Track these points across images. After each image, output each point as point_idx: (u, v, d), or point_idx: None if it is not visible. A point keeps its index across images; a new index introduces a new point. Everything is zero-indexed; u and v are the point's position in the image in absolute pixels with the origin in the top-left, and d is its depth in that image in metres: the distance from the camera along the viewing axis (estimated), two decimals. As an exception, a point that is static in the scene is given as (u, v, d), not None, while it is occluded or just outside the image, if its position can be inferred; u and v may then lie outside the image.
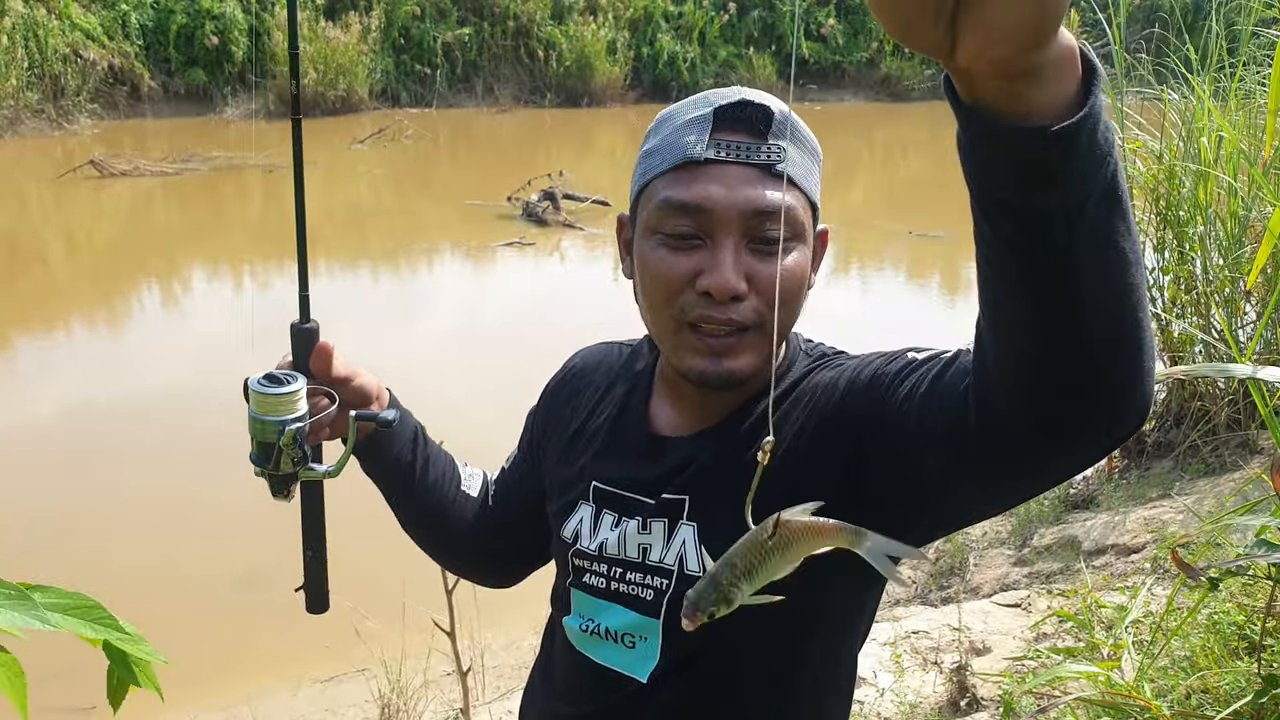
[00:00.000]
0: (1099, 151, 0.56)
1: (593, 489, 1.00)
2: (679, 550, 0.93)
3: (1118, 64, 3.61)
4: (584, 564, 0.99)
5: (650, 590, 0.95)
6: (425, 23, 14.28)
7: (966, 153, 0.59)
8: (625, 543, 0.96)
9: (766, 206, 0.86)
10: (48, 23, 11.49)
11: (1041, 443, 0.68)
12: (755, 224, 0.86)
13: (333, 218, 9.64)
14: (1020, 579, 3.35)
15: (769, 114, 0.88)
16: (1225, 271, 3.58)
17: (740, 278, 0.86)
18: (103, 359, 5.90)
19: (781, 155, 0.87)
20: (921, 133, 15.36)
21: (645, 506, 0.96)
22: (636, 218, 0.94)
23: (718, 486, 0.92)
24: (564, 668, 1.04)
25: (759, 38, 16.48)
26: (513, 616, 3.44)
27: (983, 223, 0.60)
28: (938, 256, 8.65)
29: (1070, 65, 0.55)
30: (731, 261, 0.86)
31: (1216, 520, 2.12)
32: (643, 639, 0.95)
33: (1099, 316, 0.60)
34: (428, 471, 1.10)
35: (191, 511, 4.06)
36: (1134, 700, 1.84)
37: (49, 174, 9.80)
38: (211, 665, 3.27)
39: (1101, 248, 0.59)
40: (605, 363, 1.09)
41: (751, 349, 0.89)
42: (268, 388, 0.96)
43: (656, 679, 0.94)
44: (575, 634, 1.01)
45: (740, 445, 0.93)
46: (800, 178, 0.90)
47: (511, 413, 1.18)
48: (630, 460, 0.99)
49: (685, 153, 0.88)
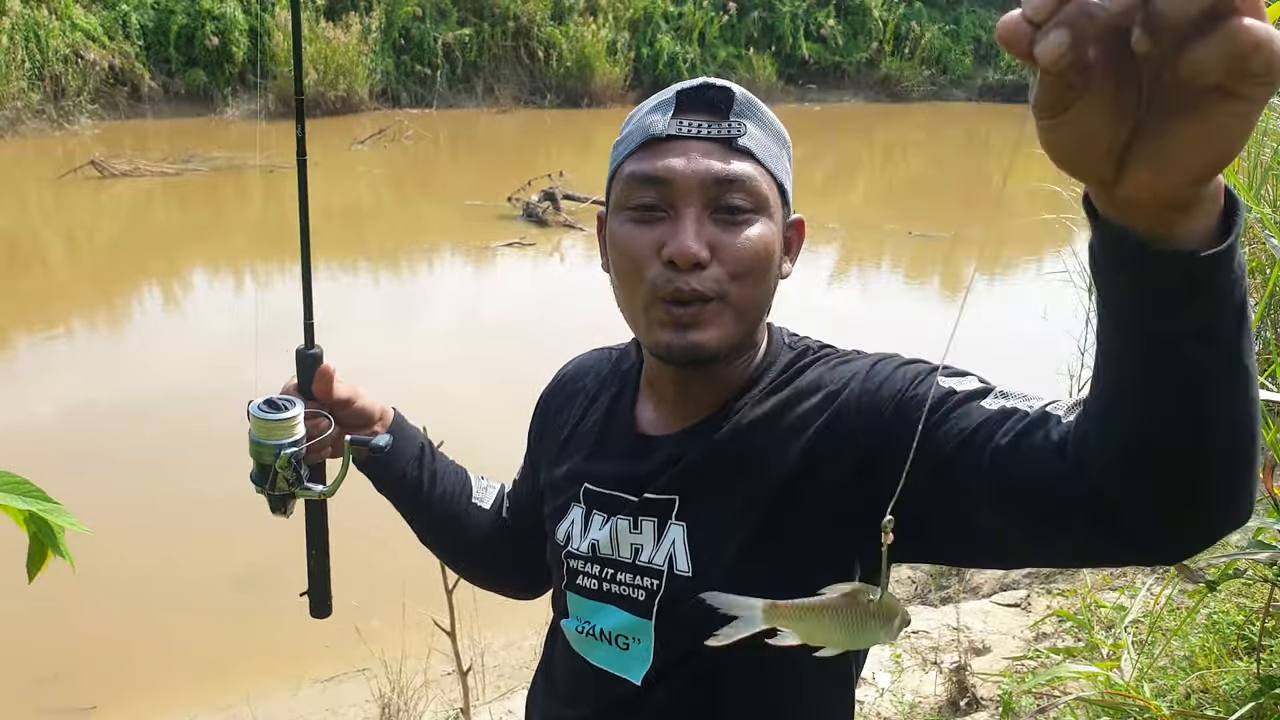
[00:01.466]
0: (1235, 275, 0.56)
1: (583, 490, 1.01)
2: (669, 550, 0.93)
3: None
4: (577, 565, 1.00)
5: (642, 591, 0.95)
6: (425, 23, 14.29)
7: (1102, 270, 0.58)
8: (617, 542, 0.97)
9: (727, 175, 0.87)
10: (48, 23, 11.50)
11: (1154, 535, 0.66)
12: (716, 193, 0.88)
13: (333, 218, 9.65)
14: (1020, 578, 3.36)
15: (730, 94, 0.90)
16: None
17: (702, 245, 0.86)
18: (103, 359, 5.90)
19: (742, 130, 0.89)
20: (921, 133, 15.37)
21: (633, 505, 0.96)
22: (609, 202, 0.96)
23: (706, 486, 0.93)
24: (564, 670, 1.05)
25: (759, 38, 16.49)
26: (513, 616, 3.44)
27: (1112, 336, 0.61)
28: (938, 256, 8.65)
29: (1219, 191, 0.54)
30: (693, 230, 0.87)
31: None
32: (635, 640, 0.95)
33: (1223, 434, 0.60)
34: (434, 487, 1.13)
35: (191, 512, 4.06)
36: (1133, 700, 1.84)
37: (49, 174, 9.80)
38: (211, 665, 3.28)
39: (1232, 367, 0.58)
40: (595, 368, 1.10)
41: (715, 321, 0.88)
42: (266, 413, 0.99)
43: (650, 681, 0.94)
44: (573, 636, 1.01)
45: (726, 441, 0.93)
46: (763, 154, 0.90)
47: (511, 413, 1.18)
48: (618, 460, 1.00)
49: (649, 131, 0.91)
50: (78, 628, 3.36)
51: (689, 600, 0.89)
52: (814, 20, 16.75)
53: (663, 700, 0.94)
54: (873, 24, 16.97)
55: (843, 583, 0.76)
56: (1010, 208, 8.23)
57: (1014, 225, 8.02)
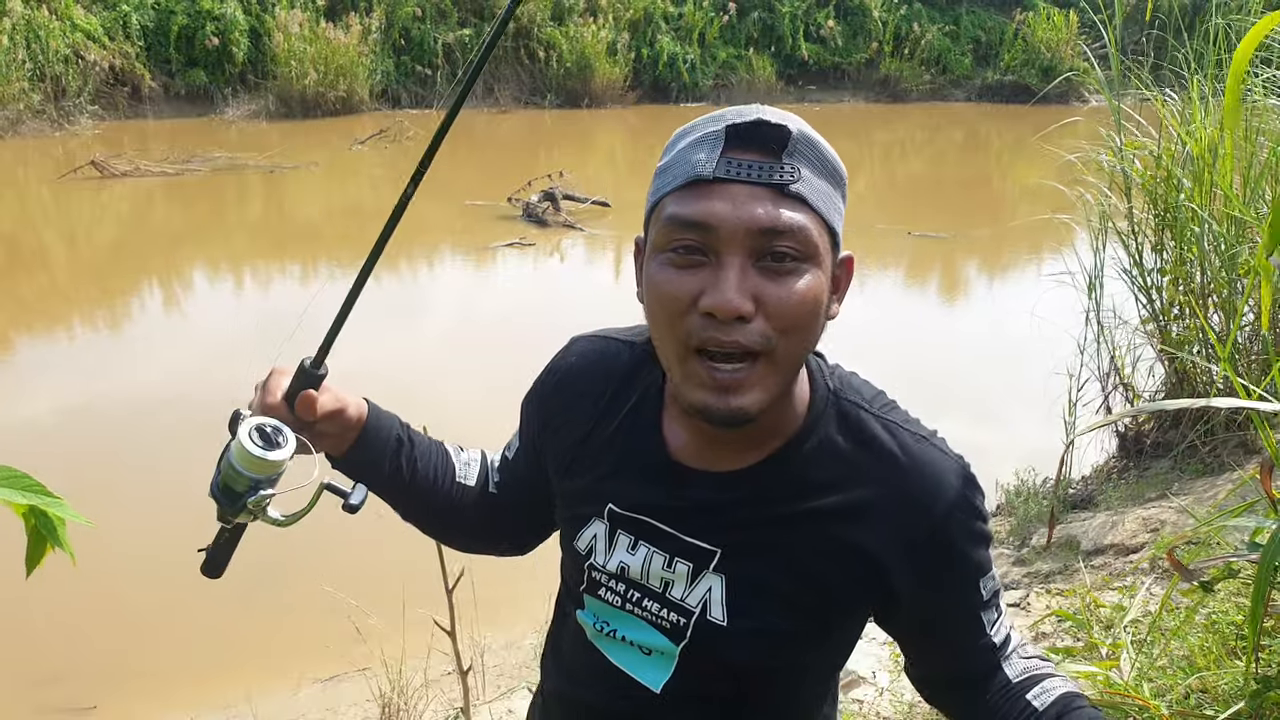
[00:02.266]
0: None
1: (608, 511, 0.98)
2: (703, 596, 0.93)
3: (1115, 66, 3.62)
4: (600, 578, 1.00)
5: (669, 622, 0.96)
6: (426, 24, 14.28)
7: None
8: (648, 573, 0.96)
9: (776, 225, 0.82)
10: (49, 24, 11.49)
11: None
12: (763, 243, 0.82)
13: (333, 218, 9.65)
14: (1019, 578, 3.36)
15: (785, 133, 0.83)
16: (1223, 273, 3.58)
17: (745, 298, 0.81)
18: (103, 359, 5.91)
19: (796, 175, 0.83)
20: (921, 133, 15.36)
21: (668, 539, 0.95)
22: (648, 238, 0.92)
23: (752, 547, 0.92)
24: (574, 652, 1.06)
25: (759, 39, 16.48)
26: (513, 616, 3.45)
27: None
28: (938, 256, 8.65)
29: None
30: (736, 281, 0.81)
31: (1211, 522, 2.13)
32: (660, 653, 0.97)
33: None
34: (415, 475, 1.09)
35: (192, 511, 4.06)
36: (1133, 700, 1.84)
37: (50, 174, 9.80)
38: (211, 665, 3.28)
39: None
40: (602, 364, 1.05)
41: (760, 384, 0.84)
42: (259, 446, 0.95)
43: (669, 691, 0.97)
44: (591, 631, 1.02)
45: (779, 502, 0.92)
46: (816, 200, 0.84)
47: (511, 413, 1.18)
48: (647, 484, 0.96)
49: (694, 170, 0.84)
50: (78, 628, 3.36)
51: (719, 643, 0.93)
52: (814, 21, 16.73)
53: (679, 710, 0.98)
54: (872, 24, 16.96)
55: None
56: (1011, 207, 8.22)
57: (1014, 225, 8.02)
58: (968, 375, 5.81)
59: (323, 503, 0.99)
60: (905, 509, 0.89)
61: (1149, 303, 3.90)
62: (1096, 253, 3.99)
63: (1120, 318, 4.06)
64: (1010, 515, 3.98)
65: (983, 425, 5.08)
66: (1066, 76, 7.06)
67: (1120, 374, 4.08)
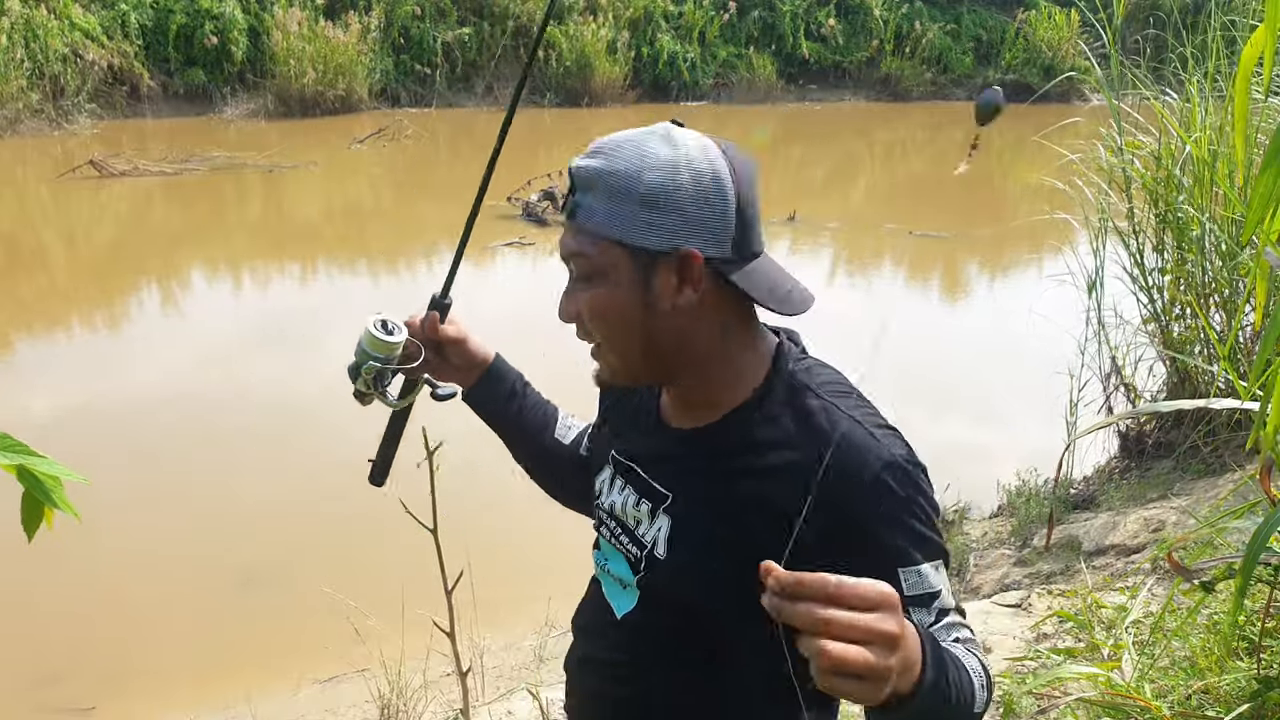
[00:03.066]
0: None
1: (612, 456, 1.18)
2: (654, 534, 1.09)
3: (1114, 66, 3.61)
4: (601, 516, 1.19)
5: (633, 556, 1.12)
6: (425, 22, 14.27)
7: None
8: (626, 511, 1.13)
9: (568, 252, 1.04)
10: (47, 23, 11.48)
11: None
12: (570, 266, 1.05)
13: (332, 217, 9.64)
14: (1020, 579, 3.36)
15: (575, 173, 1.04)
16: (1224, 273, 3.58)
17: (568, 307, 1.06)
18: (102, 359, 5.90)
19: (577, 207, 1.02)
20: (921, 133, 15.36)
21: (641, 482, 1.12)
22: None
23: (698, 496, 1.07)
24: (588, 594, 1.26)
25: (759, 37, 16.47)
26: (512, 617, 3.45)
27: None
28: (938, 256, 8.65)
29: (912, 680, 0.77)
30: (563, 297, 1.06)
31: (1212, 523, 2.12)
32: (628, 586, 1.14)
33: None
34: (523, 421, 1.34)
35: (192, 511, 4.07)
36: (1134, 700, 1.84)
37: (48, 174, 9.80)
38: (211, 665, 3.27)
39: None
40: None
41: (602, 359, 1.08)
42: (375, 330, 1.22)
43: (628, 620, 1.14)
44: (597, 565, 1.22)
45: (724, 457, 1.05)
46: (601, 225, 1.01)
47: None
48: (640, 437, 1.16)
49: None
50: (78, 628, 3.36)
51: (660, 575, 1.09)
52: (814, 19, 16.73)
53: (641, 638, 1.13)
54: (873, 23, 16.96)
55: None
56: (1012, 207, 8.22)
57: (1015, 225, 8.02)
58: (969, 375, 5.80)
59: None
60: (823, 476, 0.98)
61: (1150, 302, 3.90)
62: (1097, 252, 3.98)
63: (1121, 317, 4.05)
64: (1011, 516, 3.98)
65: (984, 425, 5.08)
66: (1068, 76, 7.06)
67: (1121, 374, 4.07)
